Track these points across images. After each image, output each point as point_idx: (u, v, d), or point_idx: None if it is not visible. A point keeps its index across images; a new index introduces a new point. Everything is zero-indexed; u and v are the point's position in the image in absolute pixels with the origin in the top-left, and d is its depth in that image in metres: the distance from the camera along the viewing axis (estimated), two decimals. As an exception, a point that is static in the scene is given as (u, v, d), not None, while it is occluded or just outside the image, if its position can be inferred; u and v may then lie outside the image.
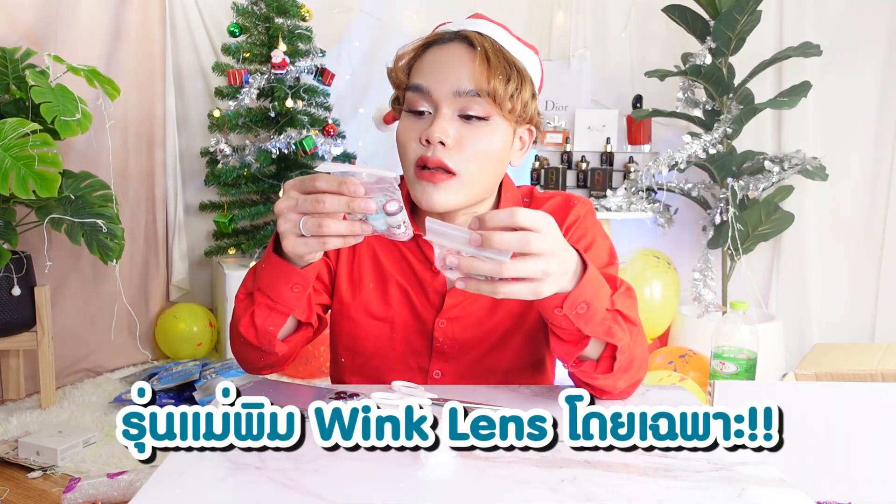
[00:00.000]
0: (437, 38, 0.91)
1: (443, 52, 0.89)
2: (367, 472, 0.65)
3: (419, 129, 0.88)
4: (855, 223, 2.85)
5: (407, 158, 0.90)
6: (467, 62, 0.87)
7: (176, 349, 2.92)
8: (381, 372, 0.97)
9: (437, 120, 0.87)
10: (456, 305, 0.95)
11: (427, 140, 0.86)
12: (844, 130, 2.81)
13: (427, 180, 0.87)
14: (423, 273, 0.96)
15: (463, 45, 0.89)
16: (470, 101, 0.87)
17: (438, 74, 0.88)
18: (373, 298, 0.98)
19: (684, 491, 0.62)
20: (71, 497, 1.75)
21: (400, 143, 0.91)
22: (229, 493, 0.61)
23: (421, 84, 0.88)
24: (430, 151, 0.86)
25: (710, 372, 2.05)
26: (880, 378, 1.95)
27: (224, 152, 2.76)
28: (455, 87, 0.86)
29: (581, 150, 3.00)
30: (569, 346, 0.80)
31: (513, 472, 0.65)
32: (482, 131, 0.88)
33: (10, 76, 2.23)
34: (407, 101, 0.91)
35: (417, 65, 0.91)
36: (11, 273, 2.26)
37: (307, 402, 0.80)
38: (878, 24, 2.74)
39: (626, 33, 3.12)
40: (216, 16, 3.06)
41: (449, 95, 0.87)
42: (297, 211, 0.72)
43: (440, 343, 0.96)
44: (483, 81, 0.86)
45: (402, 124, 0.91)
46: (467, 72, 0.87)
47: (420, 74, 0.89)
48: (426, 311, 0.96)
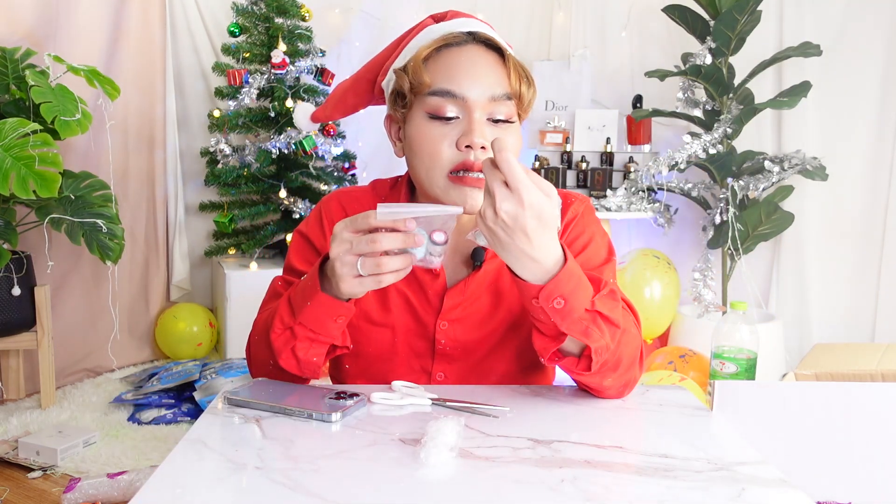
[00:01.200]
0: (451, 39, 0.89)
1: (463, 54, 0.89)
2: (367, 472, 0.65)
3: (451, 134, 0.87)
4: (855, 223, 2.85)
5: (438, 164, 0.87)
6: (495, 66, 0.88)
7: (176, 349, 2.92)
8: (384, 374, 0.97)
9: (474, 125, 0.86)
10: (456, 307, 0.95)
11: (468, 146, 0.86)
12: (844, 130, 2.81)
13: (472, 185, 0.87)
14: (423, 276, 0.96)
15: (481, 48, 0.89)
16: (500, 104, 0.88)
17: (469, 79, 0.87)
18: (372, 304, 0.97)
19: (684, 491, 0.62)
20: (71, 497, 1.75)
21: (426, 149, 0.88)
22: (229, 493, 0.61)
23: (452, 89, 0.87)
24: (472, 156, 0.86)
25: (710, 372, 2.05)
26: (880, 378, 1.95)
27: (224, 152, 2.76)
28: (490, 91, 0.87)
29: (581, 150, 3.00)
30: (546, 340, 0.80)
31: (513, 472, 0.65)
32: (508, 133, 0.89)
33: (10, 76, 2.23)
34: (430, 105, 0.87)
35: (434, 67, 0.88)
36: (11, 273, 2.26)
37: (308, 402, 0.80)
38: (878, 24, 2.74)
39: (626, 33, 3.12)
40: (216, 16, 3.06)
41: (483, 100, 0.87)
42: (353, 253, 0.74)
43: (442, 345, 0.96)
44: (515, 85, 0.88)
45: (427, 130, 0.88)
46: (497, 76, 0.88)
47: (446, 78, 0.87)
48: (427, 314, 0.96)
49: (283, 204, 2.83)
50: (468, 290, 0.95)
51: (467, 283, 0.95)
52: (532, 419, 0.79)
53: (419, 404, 0.83)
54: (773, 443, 0.93)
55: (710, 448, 0.72)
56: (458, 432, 0.71)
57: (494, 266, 0.96)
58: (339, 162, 2.94)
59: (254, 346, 0.94)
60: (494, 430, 0.75)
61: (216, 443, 0.72)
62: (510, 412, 0.81)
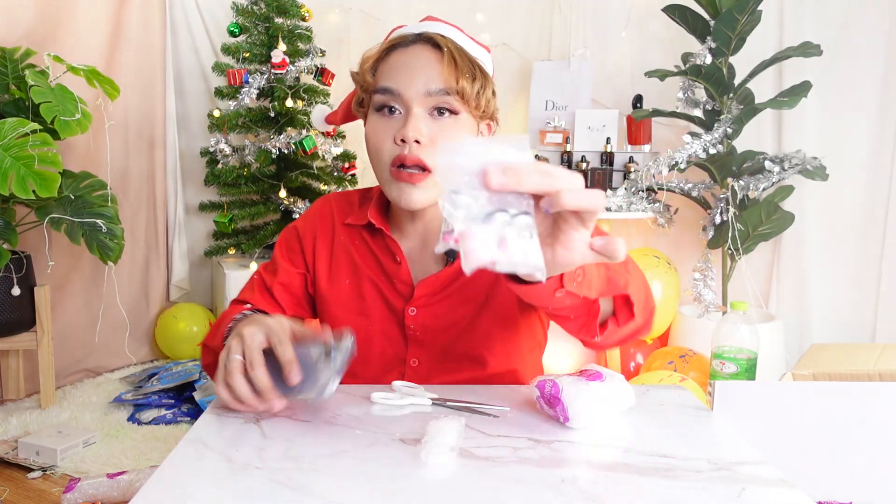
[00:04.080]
0: (400, 40, 0.93)
1: (408, 53, 0.92)
2: (367, 472, 0.65)
3: (391, 128, 0.91)
4: (855, 223, 2.85)
5: (381, 159, 0.92)
6: (434, 62, 0.90)
7: (176, 349, 2.92)
8: (364, 361, 0.99)
9: (409, 119, 0.89)
10: (425, 295, 0.99)
11: (402, 139, 0.89)
12: (844, 130, 2.81)
13: (405, 181, 0.90)
14: (389, 265, 1.01)
15: (427, 47, 0.91)
16: (440, 99, 0.90)
17: (407, 75, 0.90)
18: (349, 294, 1.02)
19: (684, 491, 0.62)
20: (71, 497, 1.75)
21: (372, 144, 0.93)
22: (229, 493, 0.61)
23: (390, 86, 0.90)
24: (406, 150, 0.89)
25: (710, 372, 2.05)
26: (878, 378, 1.95)
27: (224, 152, 2.76)
28: (425, 87, 0.89)
29: (581, 150, 3.00)
30: (585, 320, 0.78)
31: (513, 472, 0.65)
32: (453, 126, 0.91)
33: (10, 76, 2.23)
34: (376, 102, 0.93)
35: (383, 67, 0.93)
36: (11, 273, 2.26)
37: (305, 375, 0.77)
38: (878, 24, 2.74)
39: (626, 33, 3.12)
40: (216, 16, 3.06)
41: (420, 95, 0.89)
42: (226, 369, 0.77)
43: (412, 330, 1.00)
44: (452, 81, 0.89)
45: (373, 125, 0.93)
46: (435, 72, 0.89)
47: (388, 76, 0.91)
48: (396, 300, 1.00)
49: (282, 204, 2.83)
50: (439, 282, 0.99)
51: (439, 276, 0.99)
52: (532, 419, 0.79)
53: (419, 404, 0.83)
54: (774, 443, 0.93)
55: (711, 448, 0.72)
56: (459, 432, 0.71)
57: None
58: (339, 162, 2.94)
59: (209, 334, 0.99)
60: (495, 430, 0.75)
61: (216, 443, 0.72)
62: (510, 412, 0.81)
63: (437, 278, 0.98)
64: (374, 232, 1.03)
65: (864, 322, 2.88)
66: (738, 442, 0.74)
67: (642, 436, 0.76)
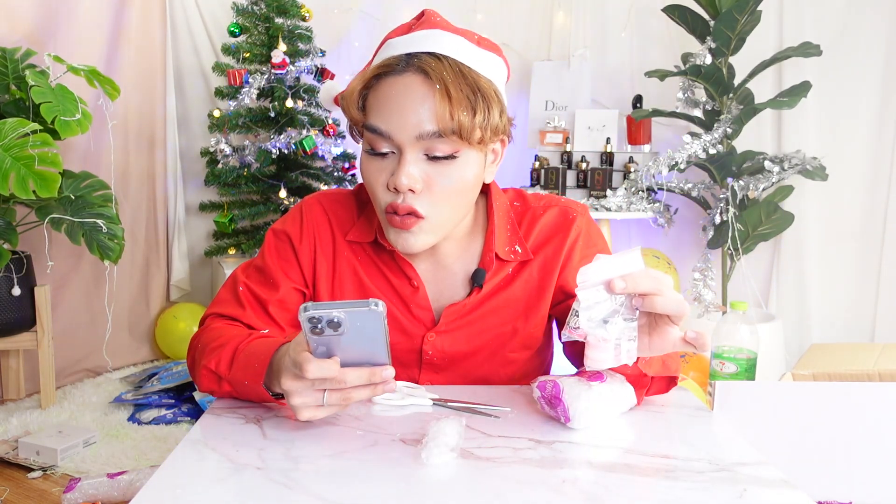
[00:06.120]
0: (390, 67, 0.83)
1: (398, 85, 0.81)
2: (367, 472, 0.65)
3: (385, 170, 0.84)
4: (855, 223, 2.85)
5: (376, 201, 0.87)
6: (426, 98, 0.80)
7: (176, 349, 2.92)
8: None
9: (402, 165, 0.81)
10: (451, 322, 0.95)
11: (395, 188, 0.82)
12: (844, 130, 2.81)
13: (398, 227, 0.85)
14: (403, 289, 0.95)
15: (419, 77, 0.81)
16: (434, 141, 0.81)
17: (397, 115, 0.81)
18: None
19: (685, 492, 0.62)
20: (71, 497, 1.75)
21: (367, 184, 0.87)
22: (229, 493, 0.61)
23: (380, 127, 0.82)
24: (399, 199, 0.83)
25: (710, 372, 2.05)
26: (878, 378, 1.95)
27: (224, 152, 2.76)
28: (417, 129, 0.80)
29: (581, 150, 3.00)
30: (633, 385, 0.82)
31: (513, 473, 0.65)
32: (450, 169, 0.83)
33: (10, 76, 2.22)
34: (367, 140, 0.84)
35: (372, 98, 0.84)
36: (11, 273, 2.26)
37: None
38: (878, 24, 2.74)
39: (626, 33, 3.12)
40: (216, 16, 3.06)
41: (411, 139, 0.81)
42: (316, 389, 0.71)
43: (430, 356, 0.96)
44: (446, 119, 0.80)
45: (366, 164, 0.86)
46: (428, 110, 0.80)
47: (377, 115, 0.82)
48: (414, 326, 0.96)
49: (283, 204, 2.83)
50: (466, 309, 0.95)
51: (466, 303, 0.95)
52: (533, 419, 0.79)
53: (420, 405, 0.83)
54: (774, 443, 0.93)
55: (711, 448, 0.72)
56: (460, 433, 0.71)
57: (492, 287, 0.96)
58: (339, 162, 2.94)
59: (193, 341, 0.94)
60: (495, 431, 0.75)
61: (216, 443, 0.72)
62: (511, 412, 0.81)
63: (465, 306, 0.95)
64: (380, 248, 0.96)
65: (863, 322, 2.88)
66: (738, 442, 0.74)
67: (643, 436, 0.76)
